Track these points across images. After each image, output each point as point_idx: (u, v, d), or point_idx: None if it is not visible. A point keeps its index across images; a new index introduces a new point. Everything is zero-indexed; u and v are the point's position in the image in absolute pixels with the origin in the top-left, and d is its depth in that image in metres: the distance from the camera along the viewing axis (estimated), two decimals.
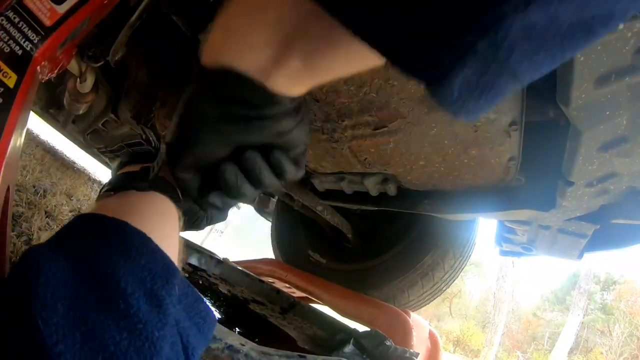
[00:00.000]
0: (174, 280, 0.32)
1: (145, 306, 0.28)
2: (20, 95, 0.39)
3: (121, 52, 0.76)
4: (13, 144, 0.39)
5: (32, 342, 0.23)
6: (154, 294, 0.29)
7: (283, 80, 0.32)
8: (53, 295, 0.25)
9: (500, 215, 0.82)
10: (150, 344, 0.26)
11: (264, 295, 1.10)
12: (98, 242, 0.31)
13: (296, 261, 1.51)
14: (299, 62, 0.31)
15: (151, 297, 0.29)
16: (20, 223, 1.02)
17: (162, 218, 0.38)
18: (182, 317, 0.32)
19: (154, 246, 0.32)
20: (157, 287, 0.30)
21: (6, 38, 0.39)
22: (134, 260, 0.30)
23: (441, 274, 1.22)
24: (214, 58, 0.33)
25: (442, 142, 0.68)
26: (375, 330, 0.82)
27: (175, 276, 0.32)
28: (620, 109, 0.49)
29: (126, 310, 0.27)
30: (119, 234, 0.32)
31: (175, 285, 0.32)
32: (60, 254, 0.29)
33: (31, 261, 0.28)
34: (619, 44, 0.43)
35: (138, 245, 0.31)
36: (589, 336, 14.50)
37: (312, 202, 1.14)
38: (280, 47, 0.30)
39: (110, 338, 0.25)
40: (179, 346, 0.30)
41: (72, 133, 1.62)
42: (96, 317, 0.26)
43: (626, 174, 0.60)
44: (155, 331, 0.27)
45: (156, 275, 0.30)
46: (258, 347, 0.61)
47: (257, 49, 0.31)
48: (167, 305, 0.29)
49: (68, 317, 0.25)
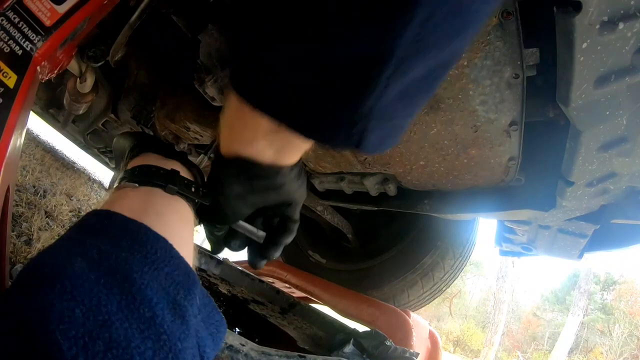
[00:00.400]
0: (195, 290, 0.31)
1: (169, 316, 0.27)
2: (20, 95, 0.39)
3: (121, 52, 0.76)
4: (13, 144, 0.38)
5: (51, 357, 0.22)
6: (177, 304, 0.28)
7: (279, 157, 0.40)
8: (72, 299, 0.24)
9: (500, 215, 0.82)
10: (174, 356, 0.26)
11: (264, 295, 1.10)
12: (120, 244, 0.30)
13: (296, 261, 1.51)
14: (283, 144, 0.39)
15: (175, 307, 0.28)
16: (20, 223, 1.02)
17: (184, 224, 0.38)
18: (200, 328, 0.31)
19: (176, 253, 0.32)
20: (180, 298, 0.29)
21: (6, 38, 0.39)
22: (157, 267, 0.29)
23: (441, 274, 1.22)
24: (228, 149, 0.41)
25: (442, 142, 0.68)
26: (375, 330, 0.82)
27: (196, 286, 0.32)
28: (620, 109, 0.49)
29: (151, 319, 0.26)
30: (142, 239, 0.31)
31: (197, 295, 0.31)
32: (78, 254, 0.28)
33: (48, 258, 0.27)
34: (619, 44, 0.43)
35: (161, 252, 0.31)
36: (589, 336, 14.51)
37: (312, 202, 1.14)
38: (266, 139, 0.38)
39: (135, 348, 0.24)
40: (198, 358, 0.29)
41: (72, 133, 1.62)
42: (119, 325, 0.24)
43: (626, 174, 0.60)
44: (179, 342, 0.27)
45: (179, 284, 0.30)
46: (258, 347, 0.61)
47: (253, 142, 0.39)
48: (190, 317, 0.29)
49: (88, 325, 0.23)
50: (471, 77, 0.55)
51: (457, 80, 0.56)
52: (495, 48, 0.51)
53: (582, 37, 0.42)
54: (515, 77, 0.54)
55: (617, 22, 0.41)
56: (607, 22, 0.41)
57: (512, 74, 0.53)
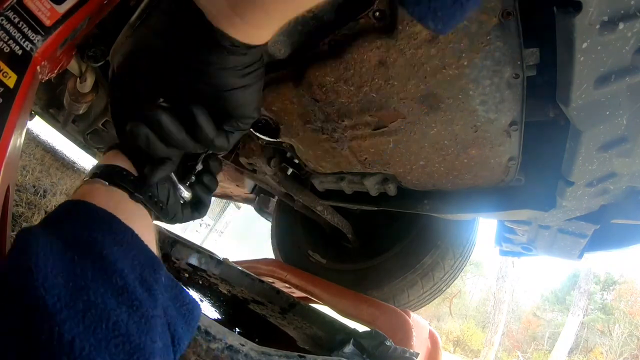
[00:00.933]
0: (160, 272, 0.34)
1: (139, 287, 0.30)
2: (20, 95, 0.39)
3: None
4: (13, 144, 0.39)
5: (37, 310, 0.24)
6: (143, 279, 0.31)
7: (239, 22, 0.32)
8: (52, 268, 0.27)
9: (500, 215, 0.82)
10: (146, 321, 0.28)
11: (264, 295, 1.10)
12: (91, 228, 0.32)
13: (296, 261, 1.51)
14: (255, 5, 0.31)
15: (142, 281, 0.31)
16: (20, 223, 1.02)
17: (146, 226, 0.40)
18: (169, 306, 0.33)
19: (141, 241, 0.35)
20: (147, 274, 0.32)
21: (6, 38, 0.39)
22: (125, 249, 0.32)
23: (441, 274, 1.22)
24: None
25: (442, 142, 0.68)
26: (375, 330, 0.82)
27: (161, 268, 0.35)
28: (620, 109, 0.49)
29: (124, 287, 0.29)
30: (112, 225, 0.34)
31: (162, 276, 0.34)
32: (55, 234, 0.31)
33: (29, 239, 0.29)
34: (619, 44, 0.43)
35: (128, 238, 0.34)
36: (589, 336, 14.51)
37: (312, 202, 1.14)
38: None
39: (111, 310, 0.27)
40: (167, 333, 0.32)
41: (72, 133, 1.62)
42: (96, 289, 0.27)
43: (626, 174, 0.60)
44: (150, 310, 0.29)
45: (144, 264, 0.33)
46: (258, 347, 0.61)
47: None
48: (156, 291, 0.32)
49: (68, 288, 0.26)
50: (471, 77, 0.55)
51: (457, 80, 0.56)
52: (495, 48, 0.51)
53: (582, 37, 0.42)
54: (515, 77, 0.54)
55: (617, 22, 0.41)
56: (607, 22, 0.41)
57: (512, 74, 0.53)
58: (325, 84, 0.66)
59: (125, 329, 0.26)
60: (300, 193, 1.10)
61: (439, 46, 0.53)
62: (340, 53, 0.61)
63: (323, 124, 0.75)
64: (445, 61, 0.55)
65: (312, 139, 0.82)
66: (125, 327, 0.26)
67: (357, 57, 0.60)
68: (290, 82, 0.69)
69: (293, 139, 0.86)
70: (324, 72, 0.64)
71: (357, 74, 0.62)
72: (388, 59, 0.58)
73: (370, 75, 0.61)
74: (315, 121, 0.76)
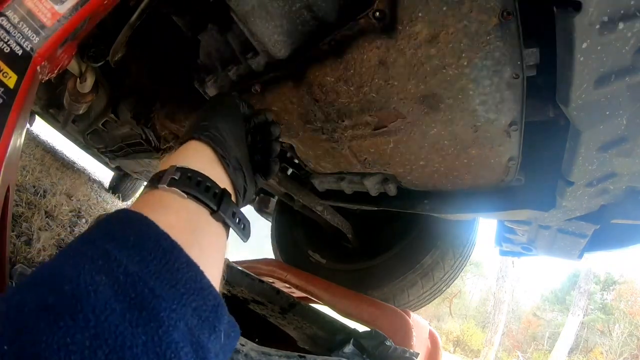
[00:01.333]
0: (220, 326, 0.30)
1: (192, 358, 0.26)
2: (20, 95, 0.39)
3: (121, 52, 0.76)
4: (13, 144, 0.39)
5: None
6: (200, 346, 0.27)
7: None
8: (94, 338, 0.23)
9: (500, 215, 0.82)
10: None
11: (264, 295, 1.10)
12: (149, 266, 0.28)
13: (296, 261, 1.51)
14: None
15: (197, 350, 0.27)
16: (20, 223, 1.02)
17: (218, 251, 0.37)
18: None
19: (206, 283, 0.30)
20: (204, 339, 0.28)
21: (6, 38, 0.39)
22: (185, 303, 0.28)
23: (441, 274, 1.22)
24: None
25: (442, 142, 0.68)
26: (375, 330, 0.82)
27: (222, 321, 0.31)
28: (620, 109, 0.49)
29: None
30: (173, 264, 0.29)
31: (222, 332, 0.30)
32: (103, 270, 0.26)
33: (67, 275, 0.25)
34: (619, 44, 0.43)
35: (190, 283, 0.29)
36: (589, 336, 14.50)
37: (312, 202, 1.14)
38: None
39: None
40: None
41: (72, 133, 1.62)
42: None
43: (626, 174, 0.59)
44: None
45: (205, 322, 0.29)
46: (258, 347, 0.61)
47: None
48: (211, 357, 0.28)
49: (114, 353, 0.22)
50: (471, 77, 0.55)
51: (457, 80, 0.56)
52: (495, 48, 0.51)
53: (582, 37, 0.42)
54: (515, 77, 0.54)
55: (617, 22, 0.41)
56: (607, 22, 0.41)
57: (512, 74, 0.53)
58: (325, 84, 0.66)
59: None
60: (300, 193, 1.10)
61: (439, 46, 0.53)
62: (340, 53, 0.61)
63: (323, 124, 0.75)
64: (445, 61, 0.55)
65: (312, 139, 0.82)
66: None
67: (357, 57, 0.60)
68: (290, 82, 0.69)
69: (293, 139, 0.86)
70: (324, 72, 0.64)
71: (357, 74, 0.62)
72: (388, 59, 0.58)
73: (370, 75, 0.61)
74: (315, 121, 0.76)
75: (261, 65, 0.70)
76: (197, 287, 0.29)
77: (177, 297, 0.27)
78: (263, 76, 0.71)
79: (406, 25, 0.53)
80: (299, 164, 1.00)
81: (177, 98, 1.09)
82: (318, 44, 0.62)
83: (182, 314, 0.27)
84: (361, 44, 0.58)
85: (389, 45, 0.56)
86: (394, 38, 0.55)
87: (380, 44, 0.57)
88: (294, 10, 0.61)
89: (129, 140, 1.52)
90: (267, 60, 0.69)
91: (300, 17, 0.62)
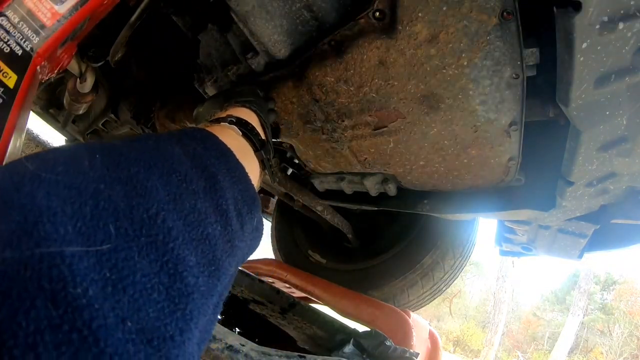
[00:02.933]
0: (255, 211, 0.38)
1: (235, 218, 0.33)
2: (20, 95, 0.39)
3: (121, 52, 0.76)
4: (13, 144, 0.39)
5: (144, 196, 0.26)
6: (240, 214, 0.34)
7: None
8: (171, 173, 0.30)
9: (500, 215, 0.82)
10: (232, 247, 0.31)
11: (264, 295, 1.10)
12: (211, 153, 0.36)
13: (296, 261, 1.51)
14: None
15: (238, 214, 0.34)
16: None
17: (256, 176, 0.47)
18: (248, 245, 0.37)
19: (250, 180, 0.38)
20: (244, 211, 0.35)
21: (6, 38, 0.39)
22: (234, 182, 0.36)
23: (441, 274, 1.22)
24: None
25: (442, 142, 0.68)
26: (375, 330, 0.82)
27: (257, 210, 0.38)
28: (620, 109, 0.49)
29: (225, 211, 0.32)
30: (229, 158, 0.38)
31: (255, 217, 0.37)
32: (177, 144, 0.34)
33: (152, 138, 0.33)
34: (619, 44, 0.43)
35: (239, 173, 0.37)
36: (589, 336, 14.50)
37: (312, 202, 1.14)
38: None
39: (209, 222, 0.29)
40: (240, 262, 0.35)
41: (72, 133, 1.62)
42: (204, 200, 0.30)
43: (626, 174, 0.59)
44: (237, 241, 0.33)
45: (245, 202, 0.36)
46: (258, 347, 0.61)
47: None
48: (246, 229, 0.35)
49: (180, 190, 0.29)
50: (471, 77, 0.55)
51: (457, 80, 0.56)
52: (495, 48, 0.51)
53: (582, 37, 0.42)
54: (515, 77, 0.54)
55: (617, 22, 0.41)
56: (607, 22, 0.41)
57: (512, 74, 0.53)
58: (325, 84, 0.66)
59: (215, 242, 0.29)
60: (300, 193, 1.10)
61: (439, 46, 0.53)
62: (340, 53, 0.61)
63: (323, 124, 0.75)
64: (445, 61, 0.55)
65: (312, 139, 0.82)
66: (215, 240, 0.29)
67: (357, 57, 0.60)
68: (290, 82, 0.69)
69: (293, 139, 0.86)
70: (324, 72, 0.64)
71: (357, 74, 0.62)
72: (388, 59, 0.58)
73: (370, 75, 0.61)
74: (315, 121, 0.76)
75: (261, 65, 0.70)
76: (243, 178, 0.37)
77: (229, 174, 0.35)
78: (263, 76, 0.72)
79: (406, 25, 0.53)
80: (299, 164, 1.00)
81: (177, 98, 1.09)
82: (318, 44, 0.62)
83: (230, 184, 0.34)
84: (361, 44, 0.58)
85: (389, 45, 0.56)
86: (394, 38, 0.55)
87: (380, 44, 0.57)
88: (294, 10, 0.61)
89: None
90: (267, 60, 0.69)
91: (300, 17, 0.62)
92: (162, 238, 0.25)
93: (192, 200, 0.29)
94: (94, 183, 0.24)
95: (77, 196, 0.23)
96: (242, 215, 0.34)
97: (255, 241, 0.39)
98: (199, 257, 0.27)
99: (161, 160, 0.29)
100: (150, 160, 0.29)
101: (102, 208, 0.23)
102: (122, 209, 0.24)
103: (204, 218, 0.29)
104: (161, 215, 0.25)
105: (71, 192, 0.23)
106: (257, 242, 0.39)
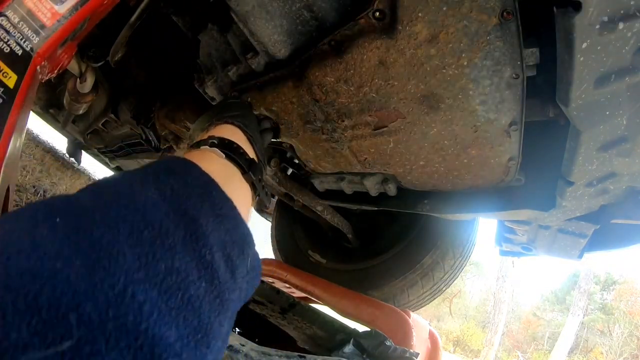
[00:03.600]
0: (248, 252, 0.34)
1: (223, 266, 0.29)
2: (20, 95, 0.39)
3: (121, 52, 0.76)
4: (13, 144, 0.39)
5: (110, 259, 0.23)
6: (230, 259, 0.31)
7: None
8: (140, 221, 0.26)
9: (500, 215, 0.82)
10: (221, 302, 0.28)
11: (264, 295, 1.10)
12: (193, 190, 0.32)
13: (296, 261, 1.51)
14: None
15: (227, 260, 0.30)
16: None
17: (247, 203, 0.44)
18: (244, 289, 0.33)
19: (238, 215, 0.35)
20: (234, 255, 0.31)
21: (6, 38, 0.39)
22: (221, 221, 0.32)
23: (441, 274, 1.22)
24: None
25: (442, 142, 0.68)
26: (375, 330, 0.82)
27: (250, 248, 0.34)
28: (620, 109, 0.49)
29: (210, 263, 0.28)
30: (213, 193, 0.34)
31: (249, 257, 0.34)
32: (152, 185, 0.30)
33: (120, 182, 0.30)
34: (619, 44, 0.43)
35: (226, 209, 0.33)
36: (589, 336, 14.50)
37: (312, 202, 1.14)
38: None
39: (191, 282, 0.26)
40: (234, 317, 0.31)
41: (72, 133, 1.62)
42: (181, 257, 0.26)
43: (626, 174, 0.59)
44: (228, 293, 0.29)
45: (235, 243, 0.32)
46: (258, 347, 0.61)
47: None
48: (239, 275, 0.31)
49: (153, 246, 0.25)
50: (471, 77, 0.55)
51: (457, 80, 0.56)
52: (495, 48, 0.51)
53: (582, 37, 0.42)
54: (515, 77, 0.54)
55: (617, 22, 0.41)
56: (607, 22, 0.41)
57: (512, 74, 0.53)
58: (325, 84, 0.66)
59: (199, 304, 0.25)
60: (300, 193, 1.10)
61: (439, 46, 0.53)
62: (340, 53, 0.61)
63: (323, 124, 0.75)
64: (445, 61, 0.55)
65: (312, 139, 0.82)
66: (199, 302, 0.25)
67: (357, 57, 0.60)
68: (290, 82, 0.69)
69: (293, 139, 0.86)
70: (324, 72, 0.64)
71: (357, 74, 0.62)
72: (388, 59, 0.58)
73: (370, 75, 0.61)
74: (315, 121, 0.76)
75: (261, 65, 0.70)
76: (231, 215, 0.34)
77: (214, 215, 0.31)
78: (263, 76, 0.72)
79: (406, 25, 0.53)
80: (299, 164, 1.00)
81: (177, 98, 1.09)
82: (318, 44, 0.62)
83: (216, 226, 0.31)
84: (361, 44, 0.58)
85: (389, 45, 0.56)
86: (394, 38, 0.55)
87: (380, 44, 0.57)
88: (294, 10, 0.61)
89: (129, 140, 1.52)
90: (267, 60, 0.69)
91: (300, 17, 0.62)
92: (133, 319, 0.21)
93: (169, 260, 0.25)
94: (51, 262, 0.21)
95: (30, 284, 0.19)
96: (231, 260, 0.31)
97: (252, 282, 0.35)
98: (181, 328, 0.24)
99: (131, 214, 0.26)
100: (118, 217, 0.25)
101: (59, 294, 0.20)
102: (83, 291, 0.21)
103: (183, 278, 0.25)
104: (129, 289, 0.22)
105: (23, 280, 0.20)
106: (254, 282, 0.36)
